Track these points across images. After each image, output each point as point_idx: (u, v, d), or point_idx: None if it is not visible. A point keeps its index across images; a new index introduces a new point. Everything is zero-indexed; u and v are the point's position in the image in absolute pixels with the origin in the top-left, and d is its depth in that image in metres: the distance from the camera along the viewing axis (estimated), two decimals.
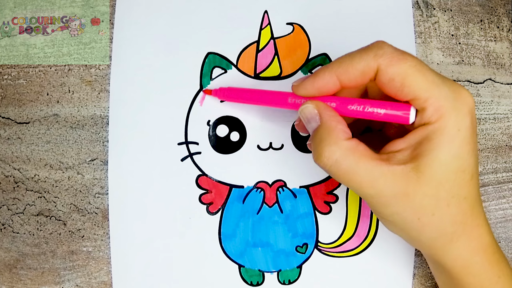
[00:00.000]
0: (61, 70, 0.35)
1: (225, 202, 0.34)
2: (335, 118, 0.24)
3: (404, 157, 0.23)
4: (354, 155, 0.23)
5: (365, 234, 0.34)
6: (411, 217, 0.24)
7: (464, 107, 0.23)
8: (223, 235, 0.34)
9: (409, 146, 0.23)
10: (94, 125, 0.34)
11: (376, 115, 0.24)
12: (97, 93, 0.35)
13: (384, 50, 0.23)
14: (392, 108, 0.24)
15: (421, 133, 0.23)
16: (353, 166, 0.23)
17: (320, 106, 0.25)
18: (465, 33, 0.36)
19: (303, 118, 0.26)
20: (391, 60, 0.23)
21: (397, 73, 0.22)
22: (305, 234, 0.34)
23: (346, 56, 0.24)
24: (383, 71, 0.23)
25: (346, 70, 0.24)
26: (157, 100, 0.34)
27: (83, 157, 0.34)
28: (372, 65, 0.23)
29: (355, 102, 0.25)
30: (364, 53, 0.23)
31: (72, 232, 0.34)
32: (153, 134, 0.34)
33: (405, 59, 0.23)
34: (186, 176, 0.34)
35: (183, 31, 0.35)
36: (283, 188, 0.34)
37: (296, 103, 0.27)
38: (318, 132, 0.24)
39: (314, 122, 0.25)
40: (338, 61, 0.24)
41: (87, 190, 0.34)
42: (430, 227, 0.24)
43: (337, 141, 0.23)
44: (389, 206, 0.24)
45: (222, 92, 0.32)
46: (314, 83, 0.25)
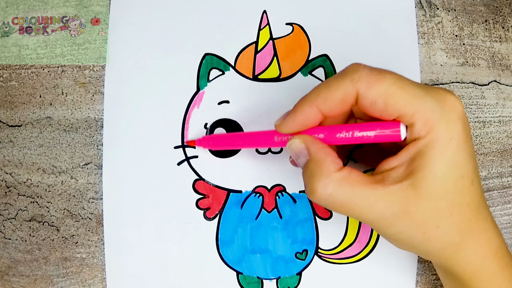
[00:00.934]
0: (54, 71, 0.34)
1: (223, 207, 0.33)
2: (323, 150, 0.24)
3: (399, 174, 0.23)
4: (347, 185, 0.23)
5: (366, 240, 0.34)
6: (415, 233, 0.23)
7: (453, 114, 0.22)
8: (221, 241, 0.33)
9: (403, 163, 0.23)
10: (88, 128, 0.34)
11: (366, 139, 0.24)
12: (91, 95, 0.34)
13: (359, 73, 0.22)
14: (382, 128, 0.23)
15: (413, 149, 0.23)
16: (349, 196, 0.23)
17: (307, 140, 0.25)
18: (469, 34, 0.36)
19: (292, 154, 0.25)
20: (369, 82, 0.22)
21: (378, 94, 0.22)
22: (305, 240, 0.33)
23: (322, 85, 0.24)
24: (363, 95, 0.22)
25: (325, 100, 0.23)
26: (153, 103, 0.34)
27: (77, 161, 0.34)
28: (350, 91, 0.23)
29: (343, 129, 0.24)
30: (340, 79, 0.23)
31: (65, 238, 0.33)
32: (149, 138, 0.33)
33: (383, 78, 0.22)
34: (182, 181, 0.33)
35: (180, 32, 0.34)
36: (282, 193, 0.33)
37: (283, 141, 0.26)
38: (308, 167, 0.24)
39: (302, 157, 0.24)
40: (315, 91, 0.24)
41: (81, 195, 0.33)
42: (437, 239, 0.24)
43: (329, 174, 0.23)
44: (391, 227, 0.23)
45: (205, 141, 0.32)
46: (295, 119, 0.25)
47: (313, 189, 0.23)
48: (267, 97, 0.34)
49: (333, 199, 0.23)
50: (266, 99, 0.34)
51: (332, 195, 0.23)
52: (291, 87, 0.34)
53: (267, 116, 0.34)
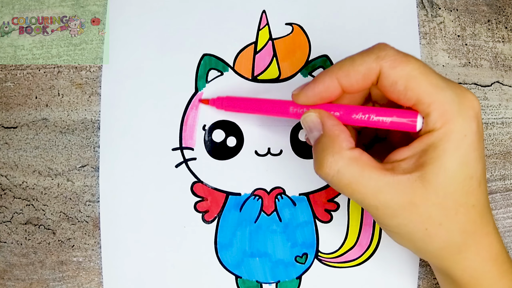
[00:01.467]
0: (50, 72, 0.34)
1: (222, 210, 0.33)
2: (338, 127, 0.24)
3: (409, 166, 0.23)
4: (357, 165, 0.23)
5: (367, 243, 0.33)
6: (418, 227, 0.23)
7: (470, 111, 0.22)
8: (219, 244, 0.33)
9: (414, 154, 0.23)
10: (85, 129, 0.33)
11: (382, 124, 0.23)
12: (88, 96, 0.34)
13: (386, 52, 0.22)
14: (399, 116, 0.23)
15: (426, 141, 0.22)
16: (357, 176, 0.22)
17: (323, 115, 0.24)
18: (471, 34, 0.35)
19: (305, 127, 0.25)
20: (394, 62, 0.22)
21: (400, 75, 0.22)
22: (304, 244, 0.33)
23: (347, 59, 0.24)
24: (385, 73, 0.22)
25: (347, 74, 0.23)
26: (150, 104, 0.33)
27: (73, 163, 0.33)
28: (374, 68, 0.23)
29: (360, 110, 0.24)
30: (365, 55, 0.23)
31: (61, 242, 0.33)
32: (146, 139, 0.33)
33: (408, 61, 0.22)
34: (180, 183, 0.33)
35: (178, 32, 0.34)
36: (282, 196, 0.33)
37: (298, 113, 0.26)
38: (320, 141, 0.24)
39: (316, 131, 0.24)
40: (339, 64, 0.24)
41: (78, 198, 0.33)
42: (438, 237, 0.23)
43: (340, 151, 0.23)
44: (395, 217, 0.23)
45: (220, 101, 0.31)
46: (314, 89, 0.24)
47: (322, 164, 0.23)
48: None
49: (341, 177, 0.23)
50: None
51: (340, 172, 0.22)
52: (291, 88, 0.31)
53: (266, 117, 0.33)
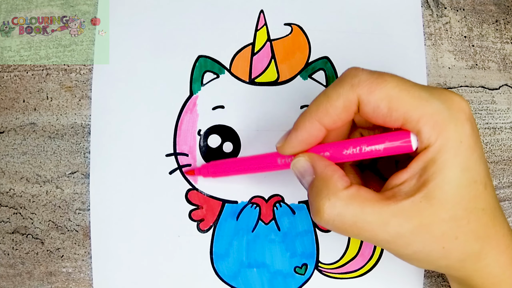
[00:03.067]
0: (38, 74, 0.33)
1: (217, 219, 0.32)
2: (330, 168, 0.23)
3: (411, 188, 0.22)
4: (357, 202, 0.22)
5: (370, 253, 0.33)
6: (434, 248, 0.23)
7: (461, 115, 0.22)
8: (215, 254, 0.32)
9: (413, 174, 0.22)
10: (75, 134, 0.33)
11: (376, 153, 0.23)
12: (78, 99, 0.33)
13: (359, 78, 0.22)
14: (391, 140, 0.22)
15: (424, 158, 0.22)
16: (359, 214, 0.22)
17: (312, 158, 0.24)
18: (479, 35, 0.35)
19: (296, 174, 0.25)
20: (370, 87, 0.22)
21: (380, 98, 0.22)
22: (304, 254, 0.32)
23: (321, 96, 0.23)
24: (364, 101, 0.22)
25: (326, 112, 0.23)
26: (143, 108, 0.33)
27: (63, 170, 0.33)
28: (351, 98, 0.22)
29: (350, 145, 0.23)
30: (339, 87, 0.22)
31: (50, 252, 0.32)
32: (139, 145, 0.33)
33: (385, 81, 0.22)
34: (175, 191, 0.32)
35: (172, 33, 0.33)
36: (281, 204, 0.33)
37: (287, 163, 0.26)
38: (313, 185, 0.23)
39: (308, 176, 0.24)
40: (314, 105, 0.23)
41: (67, 206, 0.32)
42: (457, 251, 0.23)
43: (336, 192, 0.22)
44: (409, 245, 0.22)
45: (206, 169, 0.31)
46: (297, 137, 0.24)
47: (320, 209, 0.22)
48: (265, 102, 0.33)
49: (342, 219, 0.22)
50: (264, 104, 0.33)
51: (340, 214, 0.22)
52: (290, 91, 0.33)
53: (264, 122, 0.33)
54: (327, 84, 0.33)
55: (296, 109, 0.33)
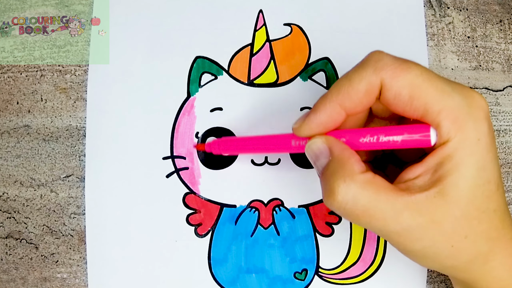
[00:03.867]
0: (32, 76, 0.33)
1: (216, 223, 0.32)
2: (347, 151, 0.23)
3: (425, 182, 0.22)
4: (372, 188, 0.22)
5: (371, 258, 0.32)
6: (443, 246, 0.22)
7: (480, 113, 0.22)
8: (213, 260, 0.32)
9: (428, 169, 0.22)
10: (70, 137, 0.32)
11: (393, 144, 0.22)
12: (73, 101, 0.33)
13: (384, 62, 0.22)
14: (410, 132, 0.22)
15: (441, 153, 0.22)
16: (373, 201, 0.21)
17: (329, 140, 0.23)
18: (482, 35, 0.34)
19: (311, 156, 0.24)
20: (394, 71, 0.21)
21: (403, 85, 0.21)
22: (304, 259, 0.32)
23: (343, 79, 0.23)
24: (387, 85, 0.21)
25: (348, 95, 0.22)
26: (139, 110, 0.32)
27: (57, 173, 0.32)
28: (374, 82, 0.22)
29: (367, 133, 0.23)
30: (362, 70, 0.22)
31: (45, 257, 0.32)
32: (135, 148, 0.32)
33: (410, 68, 0.21)
34: (172, 194, 0.32)
35: (169, 33, 0.33)
36: (280, 208, 0.32)
37: (301, 145, 0.25)
38: (329, 167, 0.23)
39: (323, 158, 0.23)
40: (336, 87, 0.23)
41: (62, 210, 0.32)
42: (465, 250, 0.23)
43: (352, 175, 0.22)
44: (419, 240, 0.22)
45: (216, 144, 0.30)
46: (316, 119, 0.23)
47: (334, 191, 0.22)
48: (264, 103, 0.33)
49: (355, 204, 0.21)
50: (263, 105, 0.33)
51: (355, 198, 0.21)
52: (290, 93, 0.33)
53: (263, 124, 0.32)
54: (328, 85, 0.33)
55: (296, 111, 0.32)
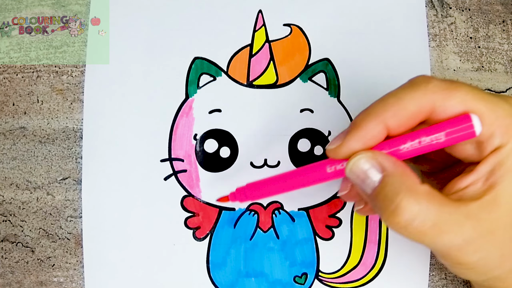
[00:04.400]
0: (28, 77, 0.33)
1: (214, 227, 0.32)
2: (399, 163, 0.22)
3: (476, 191, 0.22)
4: (436, 200, 0.21)
5: (372, 262, 0.32)
6: (495, 255, 0.22)
7: None
8: (212, 263, 0.32)
9: (480, 178, 0.22)
10: (66, 139, 0.32)
11: (436, 144, 0.22)
12: (70, 103, 0.32)
13: (434, 84, 0.21)
14: (451, 126, 0.21)
15: (493, 160, 0.22)
16: (440, 214, 0.21)
17: (375, 155, 0.22)
18: (485, 36, 0.34)
19: (355, 177, 0.22)
20: (445, 92, 0.21)
21: (457, 104, 0.21)
22: (304, 263, 0.32)
23: (390, 97, 0.22)
24: (440, 107, 0.21)
25: (395, 114, 0.22)
26: (137, 111, 0.32)
27: (54, 176, 0.32)
28: (425, 104, 0.21)
29: (407, 139, 0.22)
30: (412, 90, 0.22)
31: (41, 261, 0.32)
32: (133, 150, 0.32)
33: (459, 87, 0.21)
34: (170, 197, 0.32)
35: (167, 33, 0.33)
36: (280, 211, 0.32)
37: (338, 170, 0.23)
38: (386, 183, 0.21)
39: (375, 175, 0.22)
40: (382, 104, 0.22)
41: (58, 213, 0.32)
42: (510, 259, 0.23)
43: (416, 188, 0.21)
44: (477, 252, 0.22)
45: (242, 192, 0.27)
46: (358, 137, 0.22)
47: (399, 208, 0.20)
48: (263, 105, 0.32)
49: (423, 219, 0.20)
50: (262, 107, 0.32)
51: (422, 212, 0.20)
52: (289, 94, 0.33)
53: (263, 126, 0.32)
54: (328, 87, 0.33)
55: (296, 112, 0.32)
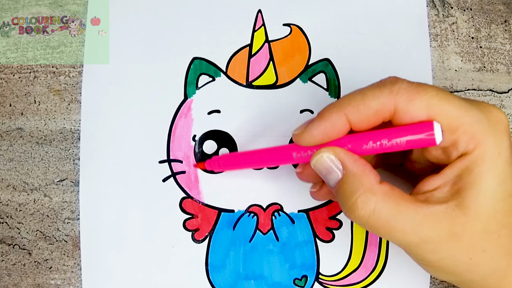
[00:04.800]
0: (25, 77, 0.32)
1: (213, 229, 0.32)
2: (360, 162, 0.23)
3: (444, 194, 0.22)
4: (392, 200, 0.22)
5: (373, 264, 0.32)
6: (461, 259, 0.23)
7: (500, 127, 0.22)
8: (211, 266, 0.31)
9: (447, 181, 0.23)
10: (64, 140, 0.32)
11: (397, 147, 0.22)
12: (67, 103, 0.32)
13: (399, 85, 0.22)
14: (414, 133, 0.22)
15: (459, 166, 0.22)
16: (394, 212, 0.22)
17: (339, 152, 0.23)
18: (487, 36, 0.34)
19: (320, 170, 0.24)
20: (409, 94, 0.22)
21: (420, 107, 0.22)
22: (304, 265, 0.32)
23: (356, 93, 0.23)
24: (403, 109, 0.22)
25: (357, 109, 0.22)
26: (135, 112, 0.32)
27: (51, 177, 0.32)
28: (387, 103, 0.22)
29: (370, 138, 0.23)
30: (377, 89, 0.22)
31: (38, 263, 0.31)
32: (131, 151, 0.32)
33: (425, 90, 0.22)
34: (168, 199, 0.32)
35: (166, 34, 0.33)
36: (279, 213, 0.32)
37: (302, 157, 0.25)
38: (345, 181, 0.23)
39: (336, 172, 0.23)
40: (347, 98, 0.23)
41: (56, 215, 0.32)
42: (483, 264, 0.23)
43: (372, 188, 0.22)
44: (437, 252, 0.23)
45: (215, 162, 0.30)
46: (320, 126, 0.23)
47: (355, 205, 0.22)
48: (263, 106, 0.32)
49: (377, 216, 0.22)
50: (261, 108, 0.32)
51: (376, 210, 0.22)
52: (289, 95, 0.32)
53: (262, 127, 0.32)
54: (328, 87, 0.32)
55: (296, 113, 0.32)
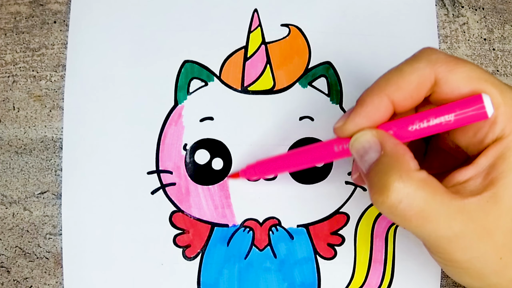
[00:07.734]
0: (3, 82, 0.31)
1: (206, 245, 0.31)
2: (401, 146, 0.22)
3: (476, 186, 0.22)
4: (429, 187, 0.21)
5: (378, 283, 0.31)
6: (492, 258, 0.22)
7: None
8: (203, 285, 0.30)
9: (480, 172, 0.22)
10: (45, 149, 0.31)
11: (446, 125, 0.21)
12: (48, 110, 0.31)
13: (437, 56, 0.22)
14: (462, 107, 0.21)
15: (493, 153, 0.21)
16: (429, 201, 0.21)
17: (380, 133, 0.22)
18: (500, 37, 0.33)
19: (358, 150, 0.23)
20: (449, 65, 0.21)
21: (461, 77, 0.21)
22: (304, 284, 0.31)
23: (392, 70, 0.22)
24: (443, 79, 0.21)
25: (398, 87, 0.22)
26: (122, 120, 0.31)
27: (31, 190, 0.31)
28: (427, 75, 0.22)
29: (415, 119, 0.22)
30: (414, 62, 0.22)
31: (17, 282, 0.30)
32: (117, 162, 0.31)
33: (463, 62, 0.22)
34: (157, 213, 0.31)
35: (155, 35, 0.32)
36: (277, 227, 0.31)
37: (345, 149, 0.24)
38: (381, 162, 0.22)
39: (373, 152, 0.22)
40: (384, 78, 0.22)
41: (36, 230, 0.31)
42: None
43: (409, 172, 0.21)
44: (468, 250, 0.21)
45: (251, 170, 0.29)
46: (363, 113, 0.22)
47: (388, 187, 0.21)
48: (259, 112, 0.32)
49: (410, 203, 0.20)
50: (258, 115, 0.32)
51: (410, 196, 0.20)
52: (287, 100, 0.32)
53: (258, 135, 0.31)
54: (329, 92, 0.31)
55: (295, 121, 0.31)
